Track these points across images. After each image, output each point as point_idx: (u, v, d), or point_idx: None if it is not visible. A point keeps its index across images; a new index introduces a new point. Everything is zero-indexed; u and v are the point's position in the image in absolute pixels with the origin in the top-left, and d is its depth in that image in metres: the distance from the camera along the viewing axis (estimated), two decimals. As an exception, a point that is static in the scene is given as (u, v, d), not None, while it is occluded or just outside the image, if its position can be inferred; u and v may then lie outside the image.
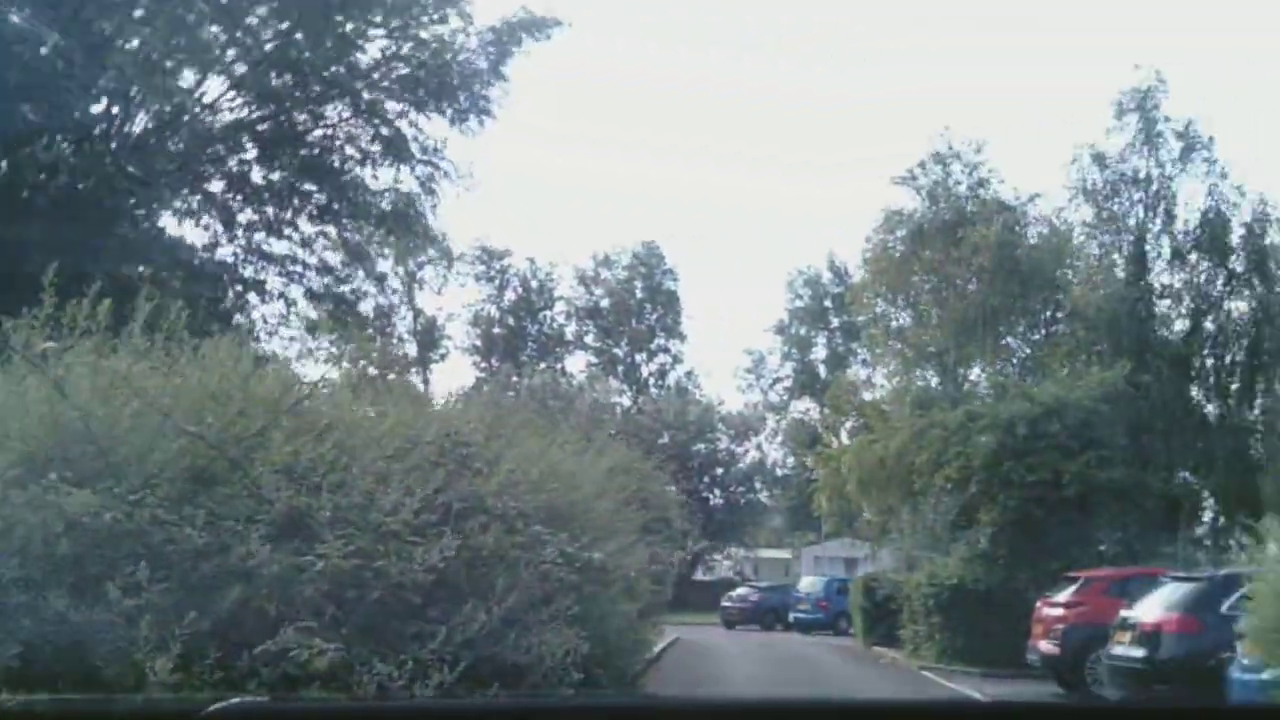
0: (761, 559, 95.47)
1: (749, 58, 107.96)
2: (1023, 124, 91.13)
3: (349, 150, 24.44)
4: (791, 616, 44.51)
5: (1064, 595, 20.48)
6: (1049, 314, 33.93)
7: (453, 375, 77.77)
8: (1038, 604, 21.12)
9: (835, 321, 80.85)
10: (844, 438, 37.93)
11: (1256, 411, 32.01)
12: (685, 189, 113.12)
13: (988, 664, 24.11)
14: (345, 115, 24.07)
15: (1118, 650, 15.35)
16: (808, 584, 46.03)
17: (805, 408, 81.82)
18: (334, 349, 28.79)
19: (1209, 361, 33.02)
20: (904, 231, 34.42)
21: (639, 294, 77.72)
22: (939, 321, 33.87)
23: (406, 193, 25.09)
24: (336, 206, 23.95)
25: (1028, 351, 32.77)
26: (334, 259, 26.64)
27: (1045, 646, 20.15)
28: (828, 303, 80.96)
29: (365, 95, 23.66)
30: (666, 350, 78.04)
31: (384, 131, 23.80)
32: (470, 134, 25.16)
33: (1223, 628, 13.40)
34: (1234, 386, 32.70)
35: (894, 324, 35.29)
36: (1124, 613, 15.60)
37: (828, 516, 37.80)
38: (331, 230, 25.04)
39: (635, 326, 77.07)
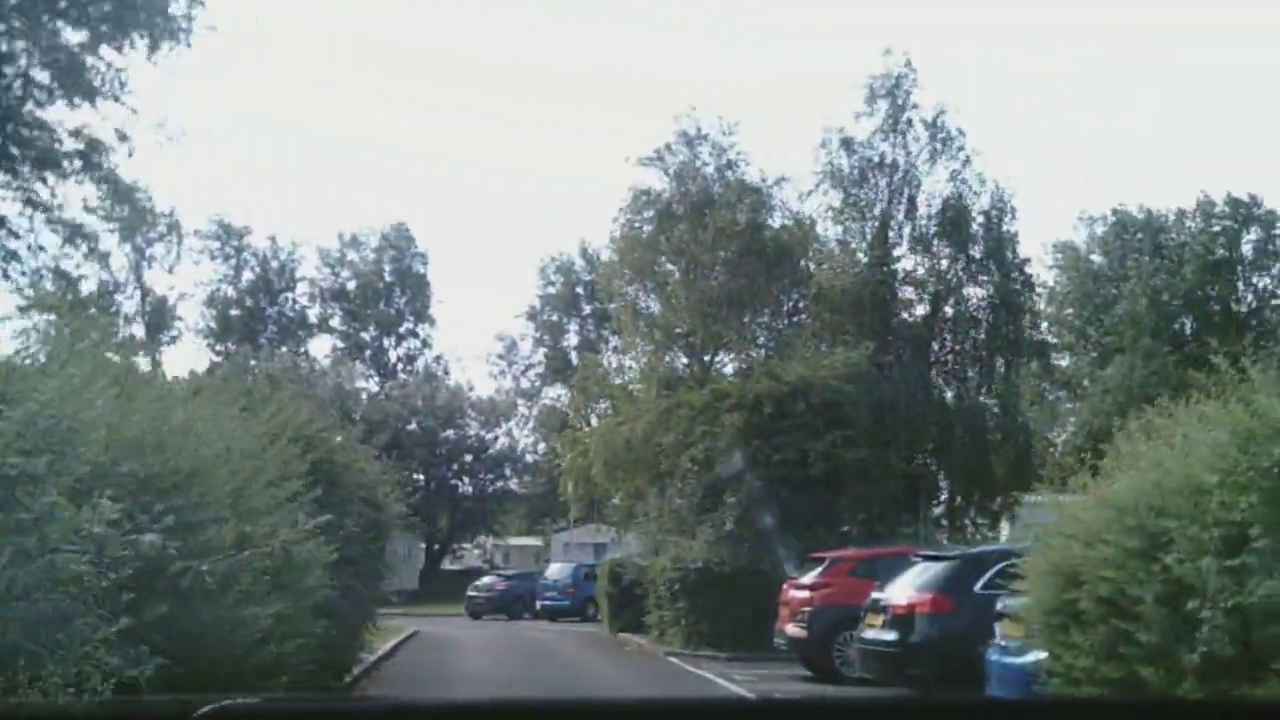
0: (513, 547, 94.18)
1: (501, 22, 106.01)
2: (775, 106, 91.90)
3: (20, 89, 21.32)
4: (539, 604, 43.25)
5: (810, 577, 19.75)
6: (795, 297, 33.59)
7: (189, 359, 72.75)
8: (784, 586, 20.36)
9: (587, 309, 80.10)
10: (594, 422, 36.86)
11: (992, 396, 32.47)
12: (437, 166, 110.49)
13: (734, 648, 23.40)
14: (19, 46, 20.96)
15: (869, 634, 14.54)
16: (555, 571, 44.84)
17: (557, 394, 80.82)
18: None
19: (948, 345, 33.35)
20: (651, 212, 33.43)
21: (387, 276, 74.87)
22: (687, 304, 33.07)
23: (94, 138, 22.24)
24: (15, 152, 20.92)
25: (775, 333, 32.23)
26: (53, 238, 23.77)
27: (792, 630, 19.39)
28: (580, 289, 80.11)
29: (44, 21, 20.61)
30: (415, 335, 75.54)
31: (61, 61, 20.89)
32: (160, 66, 22.57)
33: (978, 608, 12.69)
34: (970, 371, 33.13)
35: (642, 306, 34.28)
36: (875, 595, 14.81)
37: (574, 501, 36.54)
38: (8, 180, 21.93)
39: (383, 310, 74.20)
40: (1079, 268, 63.69)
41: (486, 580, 47.43)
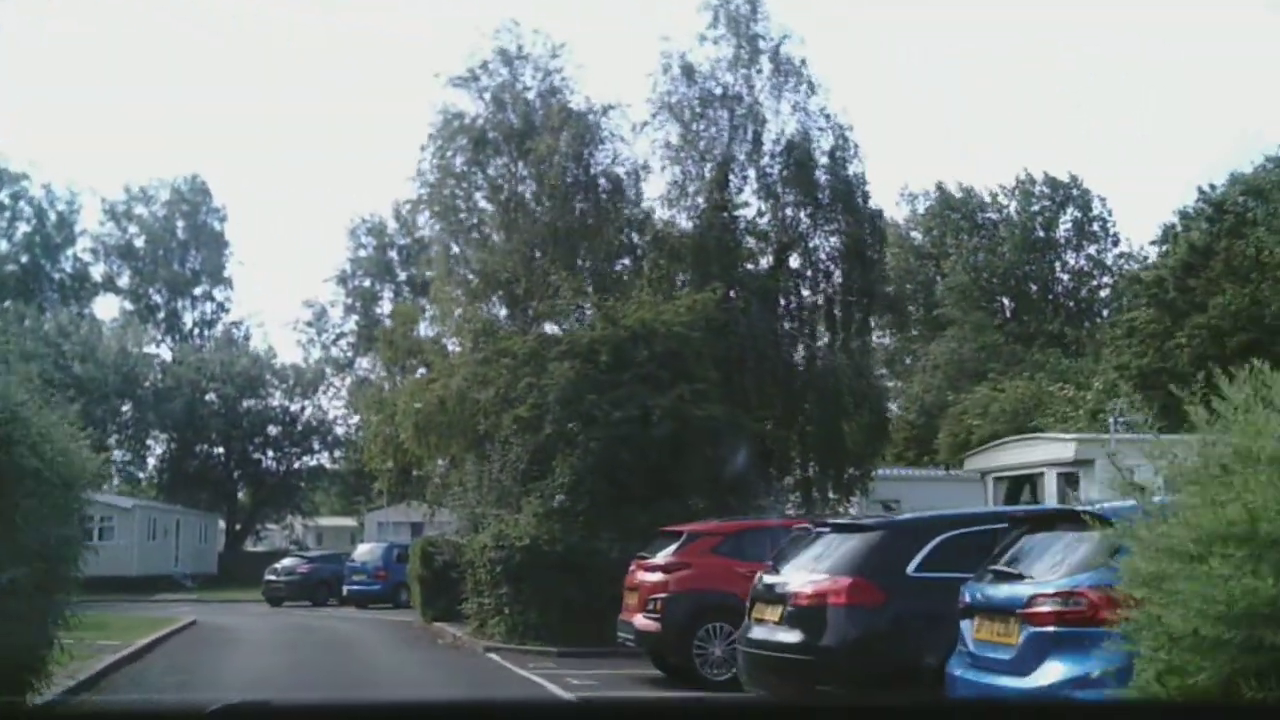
0: (325, 527, 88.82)
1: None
2: (608, 26, 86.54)
3: None
4: (346, 589, 38.65)
5: (663, 556, 16.04)
6: (629, 240, 29.81)
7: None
8: (631, 568, 16.62)
9: (402, 275, 74.99)
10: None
11: (844, 354, 29.29)
12: (235, 114, 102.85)
13: (567, 642, 19.71)
14: None
15: (759, 632, 10.80)
16: (364, 552, 40.29)
17: (370, 364, 75.63)
18: None
19: (796, 300, 30.12)
20: (465, 140, 29.11)
21: (180, 234, 68.34)
22: (506, 247, 28.99)
23: None
24: None
25: (607, 281, 28.26)
26: None
27: (642, 621, 15.67)
28: (394, 254, 74.98)
29: None
30: (212, 298, 69.28)
31: None
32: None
33: (915, 596, 9.20)
34: (820, 328, 29.96)
35: (455, 251, 30.00)
36: (766, 578, 11.08)
37: (382, 473, 32.14)
38: None
39: (176, 270, 67.70)
40: (901, 244, 61.86)
41: (287, 562, 42.44)
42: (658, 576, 15.75)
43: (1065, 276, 68.52)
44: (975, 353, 57.34)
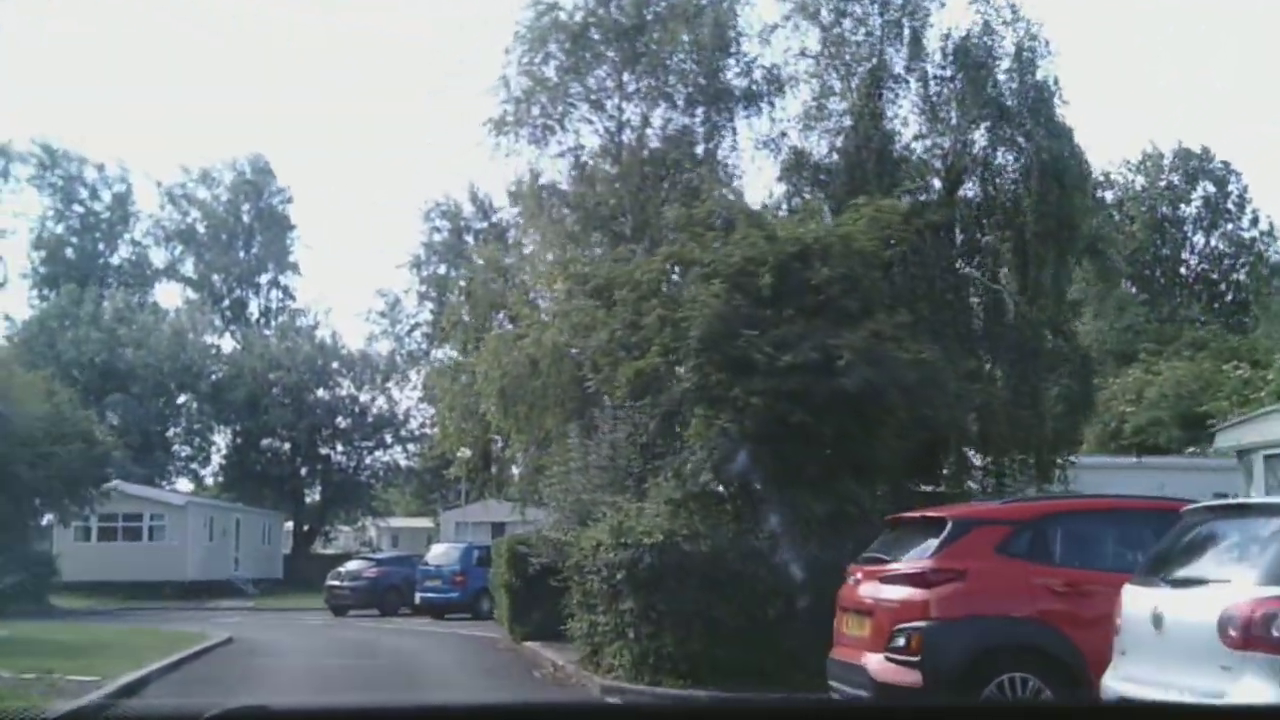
0: (400, 529, 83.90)
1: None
2: None
3: None
4: (419, 596, 32.81)
5: (914, 559, 9.73)
6: (768, 159, 23.39)
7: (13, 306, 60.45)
8: (852, 577, 10.37)
9: (480, 261, 69.33)
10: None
11: (1037, 307, 22.65)
12: (300, 92, 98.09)
13: (719, 680, 13.62)
14: None
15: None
16: (439, 553, 34.35)
17: (446, 355, 70.11)
18: None
19: (974, 235, 23.62)
20: (561, 39, 22.99)
21: (244, 217, 63.28)
22: (611, 174, 22.87)
23: None
24: None
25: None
26: None
27: (882, 667, 9.40)
28: (469, 239, 69.41)
29: None
30: (278, 284, 64.08)
31: None
32: None
33: None
34: (1006, 271, 23.44)
35: (545, 179, 23.89)
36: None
37: (459, 459, 26.17)
38: None
39: (241, 256, 62.63)
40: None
41: (352, 566, 36.65)
42: (907, 593, 9.46)
43: (1194, 258, 61.69)
44: (1120, 333, 50.59)
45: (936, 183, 23.74)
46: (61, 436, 35.03)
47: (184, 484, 53.62)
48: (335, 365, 55.33)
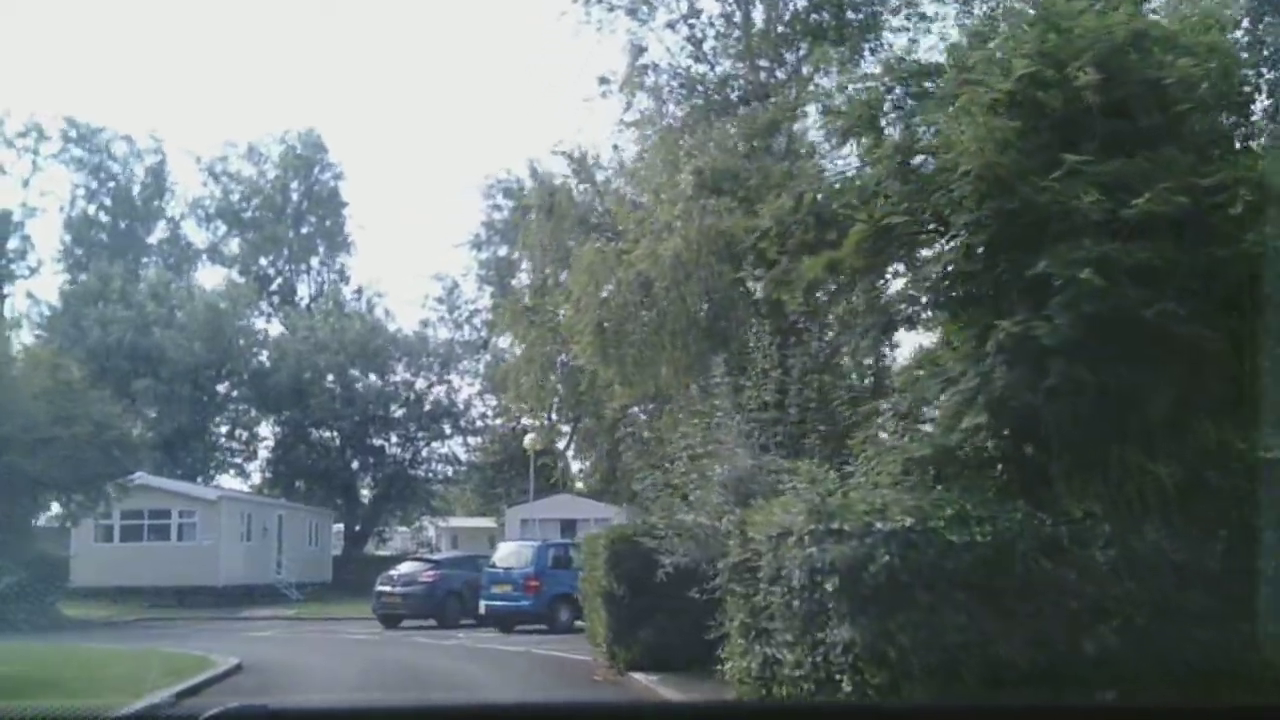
0: (460, 529, 78.04)
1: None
2: None
3: None
4: (484, 605, 26.83)
5: None
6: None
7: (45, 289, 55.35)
8: None
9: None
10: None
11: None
12: (352, 63, 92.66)
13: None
14: None
15: None
16: (508, 553, 28.33)
17: (508, 342, 64.25)
18: None
19: None
20: None
21: (294, 195, 57.83)
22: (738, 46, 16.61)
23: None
24: None
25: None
26: None
27: None
28: (532, 215, 63.55)
29: None
30: (330, 266, 58.51)
31: None
32: None
33: None
34: None
35: (649, 57, 17.62)
36: None
37: (536, 428, 19.99)
38: None
39: (290, 236, 57.12)
40: None
41: (406, 569, 30.52)
42: None
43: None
44: None
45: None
46: (69, 419, 29.41)
47: (228, 481, 48.28)
48: (389, 349, 49.59)
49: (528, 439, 42.93)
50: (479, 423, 57.66)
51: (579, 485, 58.95)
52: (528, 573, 26.42)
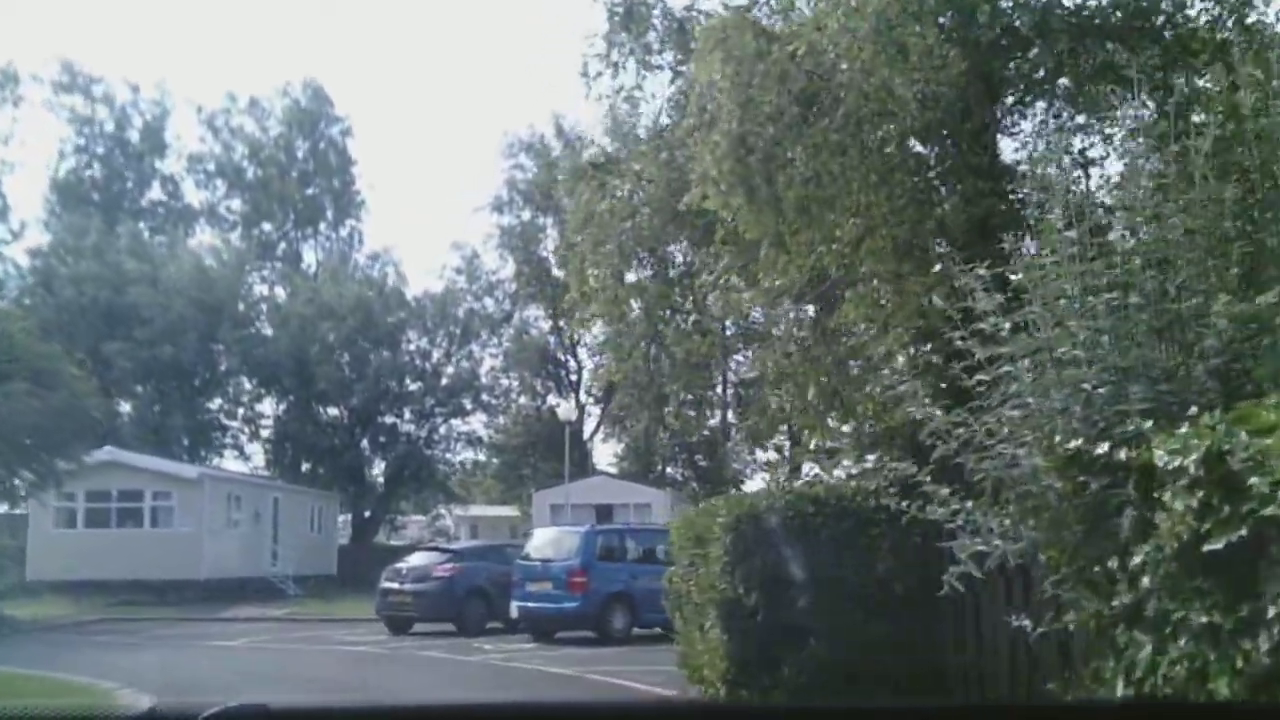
0: (481, 518, 71.97)
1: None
2: None
3: None
4: (516, 606, 20.59)
5: None
6: None
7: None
8: None
9: (570, 203, 57.21)
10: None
11: None
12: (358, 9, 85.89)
13: None
14: None
15: None
16: (545, 541, 21.97)
17: (533, 315, 58.03)
18: None
19: None
20: None
21: (299, 153, 51.62)
22: None
23: None
24: None
25: None
26: None
27: None
28: (561, 175, 57.23)
29: None
30: (339, 229, 52.29)
31: None
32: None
33: None
34: None
35: None
36: None
37: (586, 326, 13.77)
38: None
39: (295, 197, 50.87)
40: None
41: (417, 560, 24.04)
42: None
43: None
44: None
45: None
46: (3, 377, 23.33)
47: (229, 464, 42.19)
48: (403, 316, 43.40)
49: (561, 407, 37.04)
50: (502, 401, 51.62)
51: (609, 469, 53.02)
52: (572, 566, 20.18)
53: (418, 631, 22.33)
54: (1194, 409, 4.54)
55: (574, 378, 55.77)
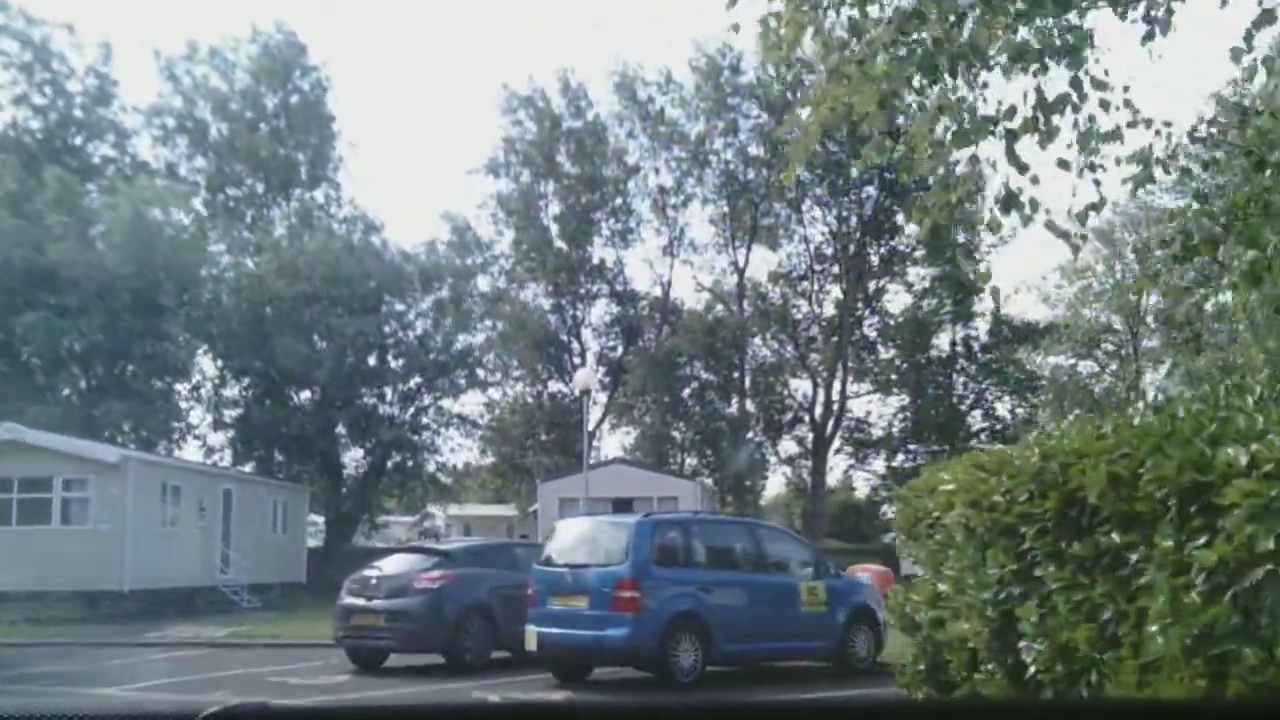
0: (475, 518, 65.54)
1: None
2: None
3: None
4: (535, 631, 13.66)
5: None
6: None
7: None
8: None
9: (572, 169, 50.35)
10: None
11: None
12: None
13: None
14: None
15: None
16: (575, 537, 14.81)
17: (532, 294, 51.27)
18: None
19: None
20: None
21: (269, 106, 44.65)
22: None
23: None
24: None
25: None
26: None
27: None
28: (562, 143, 50.38)
29: None
30: (314, 191, 45.27)
31: None
32: None
33: None
34: None
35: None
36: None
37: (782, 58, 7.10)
38: None
39: (264, 156, 43.84)
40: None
41: (393, 567, 16.79)
42: None
43: None
44: None
45: None
46: None
47: (190, 453, 35.31)
48: (378, 280, 36.47)
49: (580, 374, 30.38)
50: (498, 378, 44.91)
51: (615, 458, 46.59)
52: (618, 574, 13.28)
53: (393, 667, 15.54)
54: None
55: (577, 360, 49.20)
